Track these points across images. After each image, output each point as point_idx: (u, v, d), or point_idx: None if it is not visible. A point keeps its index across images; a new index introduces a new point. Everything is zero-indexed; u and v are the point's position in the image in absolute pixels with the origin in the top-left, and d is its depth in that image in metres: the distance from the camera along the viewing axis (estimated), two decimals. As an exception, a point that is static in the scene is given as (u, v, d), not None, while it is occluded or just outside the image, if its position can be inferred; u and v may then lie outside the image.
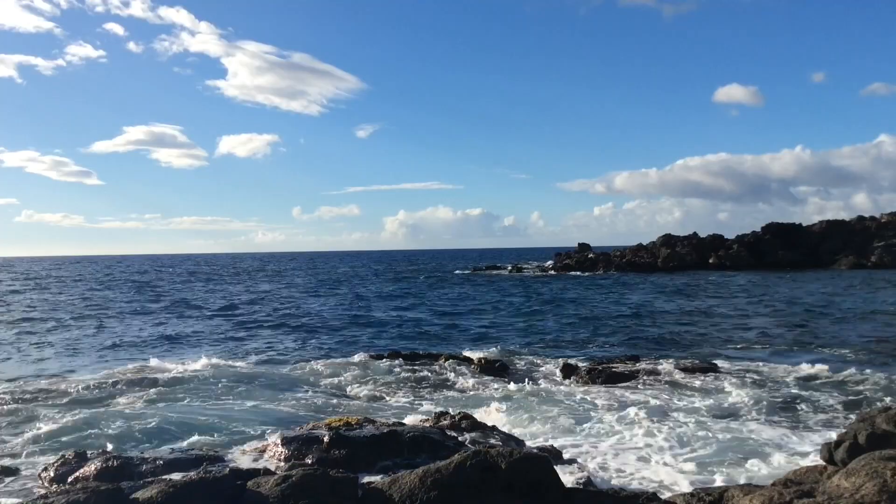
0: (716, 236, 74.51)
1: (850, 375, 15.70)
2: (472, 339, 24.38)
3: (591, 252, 78.85)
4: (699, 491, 6.89)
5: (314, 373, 17.77)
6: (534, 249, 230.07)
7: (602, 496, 7.13)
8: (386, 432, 9.18)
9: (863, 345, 20.67)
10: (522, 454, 6.96)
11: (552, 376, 16.54)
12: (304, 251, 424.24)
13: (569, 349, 21.49)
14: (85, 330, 27.61)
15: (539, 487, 6.70)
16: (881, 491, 5.42)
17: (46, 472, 8.79)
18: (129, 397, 14.31)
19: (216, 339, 24.90)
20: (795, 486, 6.32)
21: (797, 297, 37.42)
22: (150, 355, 20.06)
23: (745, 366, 17.42)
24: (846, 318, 27.29)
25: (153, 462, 8.50)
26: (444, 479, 6.59)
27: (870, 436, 7.18)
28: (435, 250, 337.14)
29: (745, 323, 26.73)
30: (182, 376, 16.31)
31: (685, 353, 19.84)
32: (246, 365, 18.78)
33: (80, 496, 6.40)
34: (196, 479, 6.77)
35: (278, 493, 6.51)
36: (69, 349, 22.52)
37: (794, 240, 70.06)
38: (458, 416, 10.83)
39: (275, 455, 9.07)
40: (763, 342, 21.68)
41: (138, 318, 32.03)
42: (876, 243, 65.99)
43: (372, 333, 26.32)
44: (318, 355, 20.79)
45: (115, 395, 14.52)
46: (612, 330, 25.76)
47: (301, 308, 36.83)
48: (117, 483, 7.01)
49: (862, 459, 6.10)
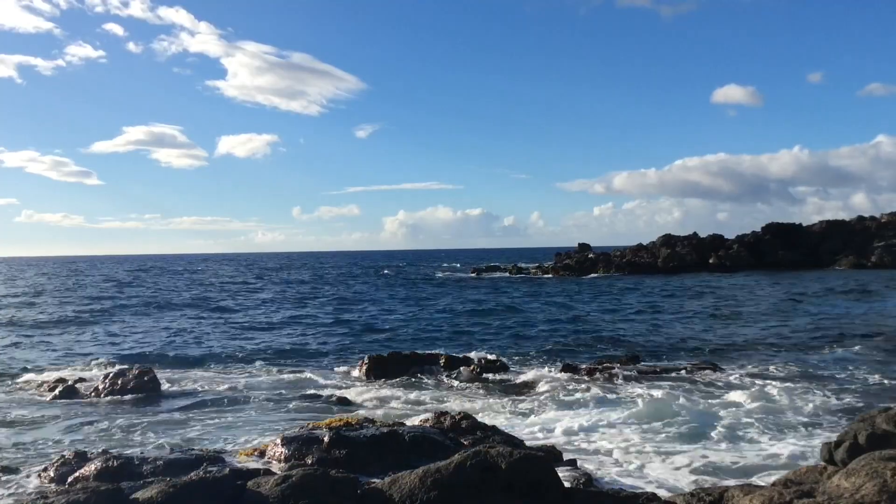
0: (716, 236, 74.45)
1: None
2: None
3: (591, 252, 78.80)
4: (699, 491, 6.89)
5: (314, 372, 17.79)
6: (534, 249, 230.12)
7: (602, 496, 7.13)
8: (386, 432, 9.18)
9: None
10: (522, 454, 6.96)
11: (552, 376, 16.54)
12: (304, 251, 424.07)
13: (569, 351, 21.48)
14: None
15: (539, 487, 6.70)
16: (881, 491, 5.41)
17: (46, 472, 8.79)
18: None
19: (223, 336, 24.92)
20: (795, 486, 6.32)
21: (799, 297, 37.42)
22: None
23: (748, 367, 17.42)
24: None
25: (153, 462, 8.49)
26: (444, 479, 6.58)
27: (870, 436, 7.18)
28: (435, 250, 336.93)
29: (750, 324, 26.73)
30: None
31: (686, 354, 19.84)
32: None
33: (80, 496, 6.40)
34: (196, 479, 6.76)
35: (278, 493, 6.51)
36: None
37: (794, 240, 70.03)
38: (458, 416, 10.83)
39: (275, 455, 9.06)
40: (768, 344, 21.64)
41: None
42: (876, 243, 65.96)
43: (371, 335, 26.33)
44: (318, 356, 20.81)
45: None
46: (612, 334, 25.74)
47: (313, 308, 36.86)
48: (117, 483, 7.00)
49: (862, 459, 6.10)
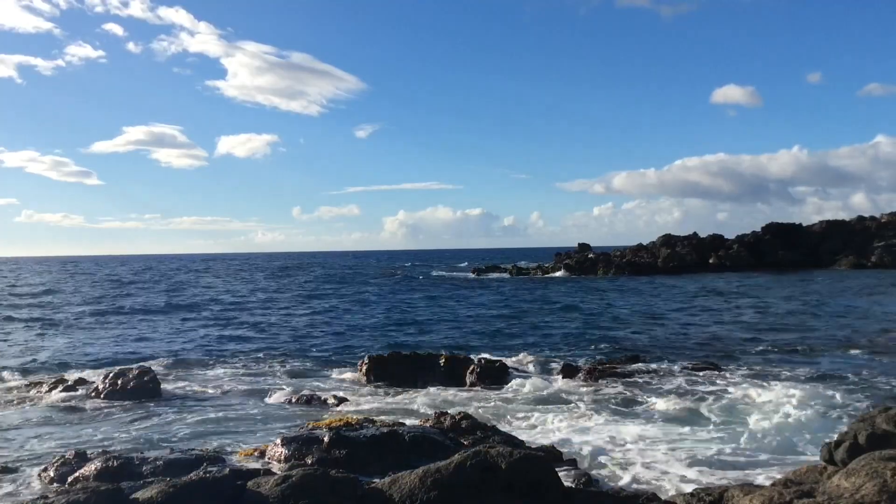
0: (716, 236, 74.44)
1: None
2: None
3: (591, 252, 78.79)
4: (699, 491, 6.89)
5: (315, 372, 17.79)
6: (534, 249, 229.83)
7: (602, 496, 7.14)
8: (386, 432, 9.18)
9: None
10: (522, 454, 6.96)
11: (552, 376, 16.53)
12: (304, 251, 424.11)
13: (569, 351, 21.49)
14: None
15: (539, 487, 6.70)
16: (881, 491, 5.42)
17: (46, 472, 8.79)
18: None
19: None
20: (795, 486, 6.33)
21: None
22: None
23: (749, 368, 17.41)
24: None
25: (153, 462, 8.50)
26: (444, 479, 6.59)
27: (870, 436, 7.18)
28: (435, 250, 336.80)
29: (751, 324, 26.73)
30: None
31: (687, 354, 19.83)
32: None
33: (80, 496, 6.40)
34: (196, 479, 6.77)
35: (278, 493, 6.51)
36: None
37: (795, 240, 70.02)
38: (458, 416, 10.83)
39: (275, 455, 9.07)
40: (769, 345, 21.64)
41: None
42: (876, 243, 65.94)
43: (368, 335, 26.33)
44: (317, 355, 20.81)
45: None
46: (613, 334, 25.73)
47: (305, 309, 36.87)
48: (117, 483, 7.01)
49: (862, 459, 6.10)
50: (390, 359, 17.26)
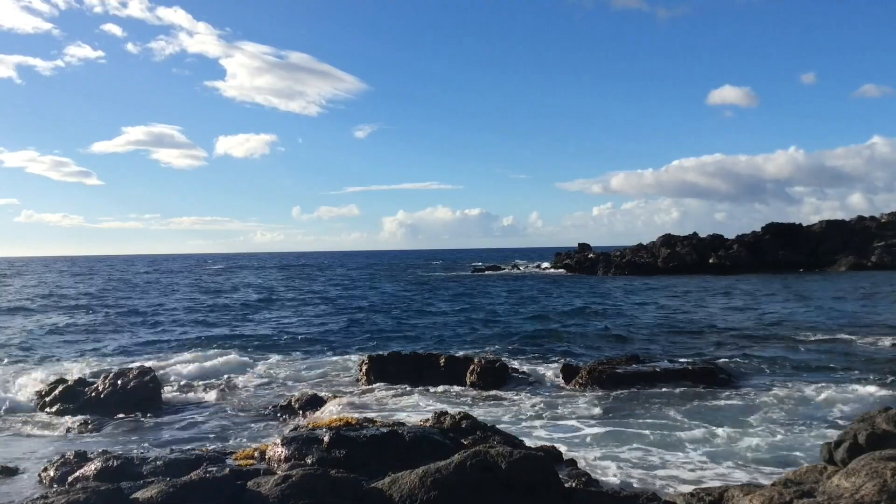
0: (716, 236, 74.40)
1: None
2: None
3: (591, 252, 78.81)
4: (699, 491, 6.89)
5: (315, 372, 17.78)
6: (533, 249, 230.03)
7: (602, 496, 7.14)
8: (386, 432, 9.17)
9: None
10: (522, 454, 6.96)
11: (552, 377, 16.53)
12: (304, 251, 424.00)
13: (569, 351, 21.48)
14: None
15: (539, 487, 6.70)
16: (881, 491, 5.42)
17: (46, 472, 8.79)
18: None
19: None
20: (795, 486, 6.33)
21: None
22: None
23: (751, 368, 17.40)
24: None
25: (153, 462, 8.49)
26: (444, 479, 6.59)
27: (870, 436, 7.18)
28: (434, 250, 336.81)
29: (751, 324, 26.73)
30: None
31: (687, 355, 19.82)
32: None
33: (80, 496, 6.40)
34: (196, 479, 6.77)
35: (278, 493, 6.51)
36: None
37: (794, 240, 69.96)
38: (458, 416, 10.82)
39: (275, 455, 9.06)
40: (770, 344, 21.63)
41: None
42: (876, 243, 65.91)
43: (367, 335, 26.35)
44: (316, 354, 20.81)
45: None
46: (613, 334, 25.73)
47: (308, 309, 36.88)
48: (117, 483, 7.01)
49: (862, 459, 6.10)
50: (390, 358, 17.25)
